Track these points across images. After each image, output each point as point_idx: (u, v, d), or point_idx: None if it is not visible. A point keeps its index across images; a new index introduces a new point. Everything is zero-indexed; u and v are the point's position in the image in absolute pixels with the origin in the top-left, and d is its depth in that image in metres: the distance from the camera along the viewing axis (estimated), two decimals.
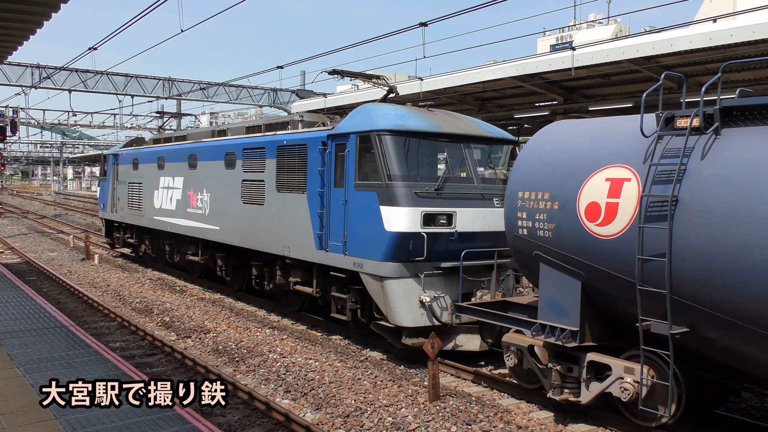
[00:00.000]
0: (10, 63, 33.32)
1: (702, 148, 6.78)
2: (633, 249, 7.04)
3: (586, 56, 15.76)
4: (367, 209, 10.55)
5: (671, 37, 14.21)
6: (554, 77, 17.82)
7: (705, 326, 6.75)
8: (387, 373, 10.03)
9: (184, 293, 16.46)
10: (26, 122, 43.25)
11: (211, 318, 13.58)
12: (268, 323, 13.26)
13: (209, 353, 11.28)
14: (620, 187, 7.33)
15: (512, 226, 8.63)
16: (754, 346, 6.42)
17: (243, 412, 8.48)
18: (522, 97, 21.29)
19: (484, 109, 22.43)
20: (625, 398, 7.49)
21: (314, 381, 9.56)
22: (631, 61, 15.23)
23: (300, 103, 30.06)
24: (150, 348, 11.61)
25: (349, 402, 8.73)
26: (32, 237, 30.24)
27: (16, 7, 9.41)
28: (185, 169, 16.98)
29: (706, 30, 13.95)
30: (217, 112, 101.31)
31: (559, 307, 8.14)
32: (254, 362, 10.57)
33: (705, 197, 6.53)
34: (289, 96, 41.72)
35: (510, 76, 17.68)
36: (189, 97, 40.61)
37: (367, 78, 13.12)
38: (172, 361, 10.79)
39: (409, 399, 8.85)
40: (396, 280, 10.22)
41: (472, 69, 19.18)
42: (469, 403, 8.70)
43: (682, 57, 14.69)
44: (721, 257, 6.33)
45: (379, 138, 10.49)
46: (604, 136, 8.02)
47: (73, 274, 19.51)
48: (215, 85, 40.97)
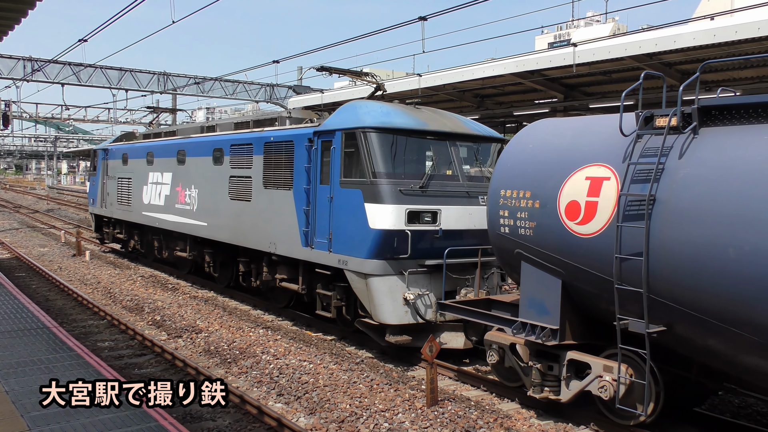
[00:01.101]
0: (1, 55, 33.18)
1: (680, 147, 6.79)
2: (611, 248, 7.05)
3: (588, 53, 15.51)
4: (351, 206, 10.55)
5: (674, 33, 13.94)
6: (555, 74, 17.58)
7: (682, 325, 6.77)
8: (383, 375, 9.81)
9: (176, 291, 16.30)
10: (18, 116, 43.03)
11: (204, 317, 13.38)
12: (261, 323, 13.04)
13: (200, 354, 11.08)
14: (600, 186, 7.35)
15: (494, 224, 8.64)
16: (729, 345, 6.44)
17: (234, 416, 8.24)
18: (522, 94, 21.12)
19: (483, 106, 22.26)
20: (605, 397, 7.51)
21: (308, 384, 9.32)
22: (633, 58, 14.96)
23: (297, 98, 29.94)
24: (140, 348, 11.42)
25: (344, 406, 8.48)
26: (23, 232, 30.07)
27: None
28: (174, 165, 16.94)
29: (710, 26, 13.67)
30: (214, 107, 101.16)
31: (540, 306, 8.16)
32: (247, 364, 10.34)
33: (681, 196, 6.55)
34: (286, 92, 41.41)
35: (510, 72, 17.45)
36: (184, 92, 40.38)
37: (356, 75, 13.09)
38: (162, 362, 10.58)
39: (406, 404, 8.60)
40: (380, 278, 10.22)
41: (472, 65, 18.85)
42: (468, 408, 8.45)
43: (684, 54, 14.42)
44: (696, 257, 6.34)
45: (364, 135, 10.48)
46: (585, 135, 8.03)
47: (64, 270, 19.33)
48: (211, 79, 40.54)
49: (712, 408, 8.88)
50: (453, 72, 19.40)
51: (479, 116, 21.20)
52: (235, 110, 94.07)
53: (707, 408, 8.78)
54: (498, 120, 24.30)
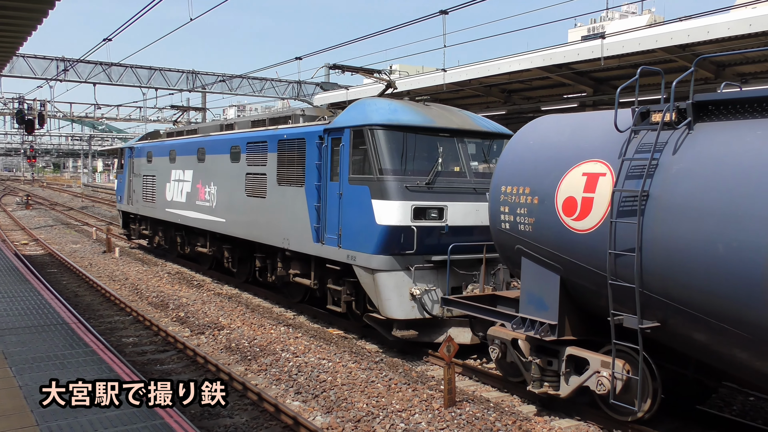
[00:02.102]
0: (35, 56, 34.10)
1: (674, 142, 6.76)
2: (606, 243, 7.06)
3: (617, 45, 14.81)
4: (359, 203, 10.69)
5: (707, 23, 13.26)
6: (583, 67, 16.96)
7: (676, 321, 6.76)
8: (402, 375, 9.73)
9: (201, 288, 16.48)
10: (53, 115, 44.09)
11: (226, 314, 13.50)
12: (283, 320, 13.09)
13: (222, 351, 11.18)
14: (596, 182, 7.36)
15: (495, 220, 8.70)
16: (721, 342, 6.42)
17: (251, 413, 8.29)
18: (550, 88, 20.35)
19: (510, 101, 21.78)
20: (601, 392, 7.53)
21: (326, 382, 9.32)
22: (664, 49, 14.19)
23: (322, 95, 29.99)
24: (163, 344, 11.54)
25: (360, 406, 8.44)
26: (57, 229, 30.83)
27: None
28: (194, 162, 17.30)
29: (746, 15, 12.91)
30: (244, 105, 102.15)
31: (539, 301, 8.20)
32: (266, 361, 10.40)
33: (674, 192, 6.53)
34: (314, 88, 41.57)
35: (537, 66, 16.90)
36: (212, 90, 40.85)
37: (367, 72, 13.23)
38: (183, 358, 10.69)
39: (423, 404, 8.53)
40: (387, 273, 10.35)
41: (497, 59, 18.39)
42: (486, 410, 8.32)
43: (719, 45, 13.69)
44: (688, 253, 6.33)
45: (371, 132, 10.60)
46: (584, 131, 8.04)
47: (94, 266, 19.75)
48: (238, 77, 40.83)
49: (717, 407, 8.81)
50: (479, 67, 19.00)
51: (506, 111, 20.83)
52: (265, 107, 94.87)
53: (710, 406, 8.71)
54: (526, 115, 23.71)
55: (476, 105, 22.40)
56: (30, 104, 38.73)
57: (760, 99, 6.33)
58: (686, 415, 8.19)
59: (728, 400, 9.01)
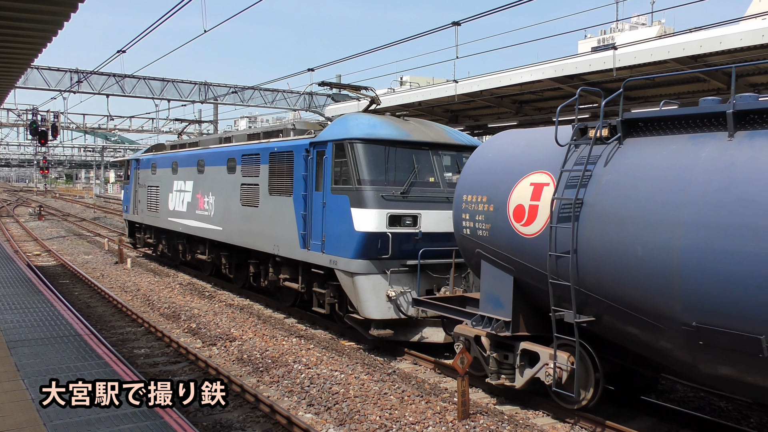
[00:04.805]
0: (49, 68, 35.02)
1: (606, 156, 7.55)
2: (548, 246, 7.83)
3: (629, 56, 14.79)
4: (340, 211, 11.53)
5: (720, 34, 13.22)
6: (594, 78, 16.70)
7: (608, 316, 7.51)
8: (415, 387, 9.68)
9: (213, 299, 16.54)
10: (66, 126, 45.15)
11: (238, 325, 13.50)
12: (295, 332, 13.09)
13: (234, 362, 11.18)
14: (541, 191, 8.14)
15: (458, 227, 9.49)
16: (647, 334, 7.16)
17: (264, 426, 8.27)
18: (561, 99, 19.37)
19: (521, 112, 21.72)
20: (548, 382, 8.27)
21: (339, 394, 9.24)
22: (676, 60, 14.16)
23: (334, 107, 30.23)
24: (175, 355, 11.57)
25: (373, 418, 8.35)
26: (69, 239, 31.15)
27: (34, 6, 9.43)
28: (195, 174, 18.23)
29: (759, 26, 12.96)
30: (255, 116, 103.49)
31: (496, 300, 8.97)
32: (278, 373, 10.36)
33: (604, 200, 7.30)
34: (325, 100, 42.04)
35: (548, 77, 16.92)
36: (224, 101, 41.45)
37: (354, 89, 14.08)
38: (195, 369, 10.72)
39: (437, 416, 8.43)
40: (365, 276, 11.16)
41: (509, 70, 18.41)
42: (500, 423, 8.26)
43: (731, 56, 13.59)
44: (614, 254, 7.09)
45: (351, 145, 11.45)
46: (534, 145, 8.82)
47: (106, 277, 19.82)
48: (250, 88, 41.01)
49: (663, 399, 9.49)
50: (490, 78, 19.03)
51: (517, 122, 20.75)
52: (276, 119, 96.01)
53: (655, 397, 9.41)
54: (537, 126, 23.71)
55: (488, 116, 22.65)
56: (43, 116, 39.75)
57: (675, 117, 7.12)
58: (630, 403, 8.91)
59: (671, 391, 9.69)
